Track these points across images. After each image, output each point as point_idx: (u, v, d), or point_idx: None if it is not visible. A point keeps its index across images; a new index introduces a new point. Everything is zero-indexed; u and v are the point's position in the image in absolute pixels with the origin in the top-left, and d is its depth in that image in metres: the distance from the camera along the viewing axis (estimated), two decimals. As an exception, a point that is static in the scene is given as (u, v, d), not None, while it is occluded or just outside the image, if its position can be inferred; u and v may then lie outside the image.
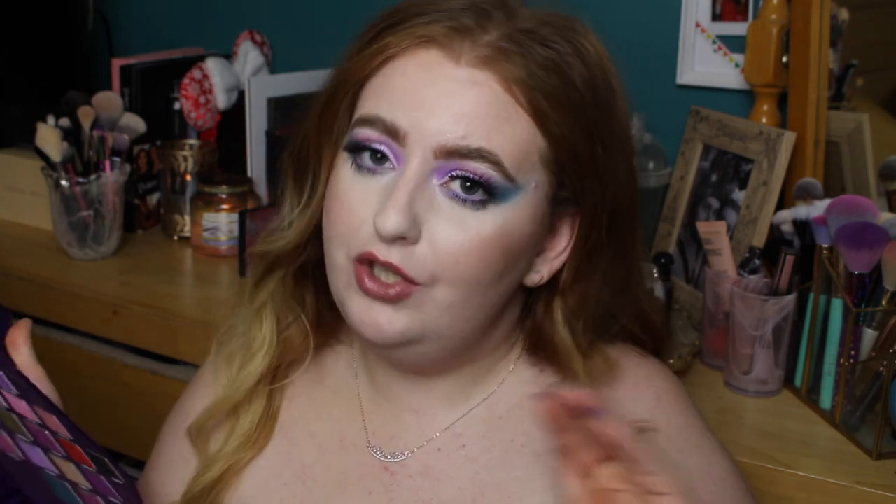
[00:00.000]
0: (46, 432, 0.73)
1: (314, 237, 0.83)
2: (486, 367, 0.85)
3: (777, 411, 1.16)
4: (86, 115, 1.60)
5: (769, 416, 1.15)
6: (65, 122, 1.62)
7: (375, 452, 0.85)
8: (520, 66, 0.74)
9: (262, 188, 1.74)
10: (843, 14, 1.37)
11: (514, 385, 0.85)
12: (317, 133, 0.81)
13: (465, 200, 0.74)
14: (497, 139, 0.73)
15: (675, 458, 0.81)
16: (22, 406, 0.74)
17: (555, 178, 0.77)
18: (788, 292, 1.17)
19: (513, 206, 0.75)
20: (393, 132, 0.74)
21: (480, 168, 0.73)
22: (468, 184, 0.74)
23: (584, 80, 0.76)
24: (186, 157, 1.74)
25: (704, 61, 1.55)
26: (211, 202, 1.65)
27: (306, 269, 0.86)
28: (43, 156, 1.59)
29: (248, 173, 1.73)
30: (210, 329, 1.38)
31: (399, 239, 0.73)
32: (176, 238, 1.75)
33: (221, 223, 1.65)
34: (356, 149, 0.77)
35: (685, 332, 1.32)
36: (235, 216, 1.60)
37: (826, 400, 1.15)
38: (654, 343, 0.91)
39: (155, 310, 1.44)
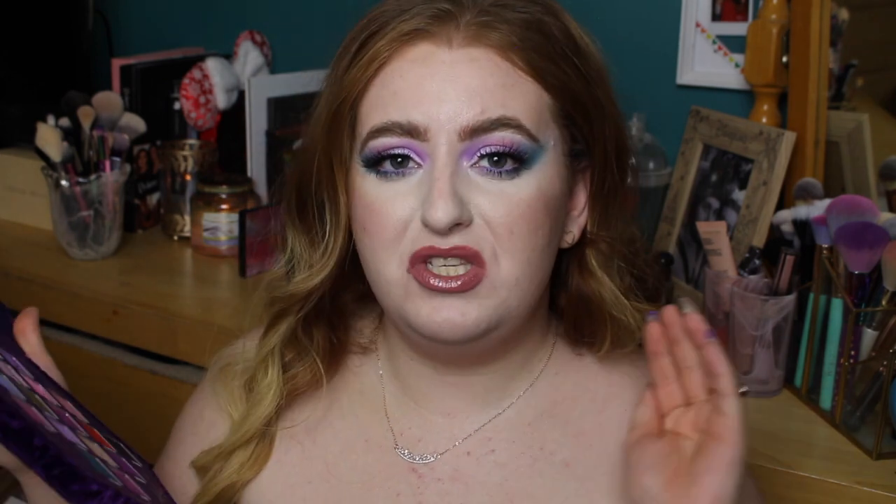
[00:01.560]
0: (67, 414, 0.74)
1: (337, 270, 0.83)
2: (524, 358, 0.85)
3: (777, 411, 1.16)
4: (86, 115, 1.60)
5: (769, 416, 1.15)
6: (65, 122, 1.62)
7: (403, 454, 0.85)
8: (506, 32, 0.75)
9: (262, 188, 1.74)
10: (843, 14, 1.37)
11: (546, 388, 0.86)
12: (326, 159, 0.80)
13: (499, 173, 0.75)
14: (512, 105, 0.75)
15: None
16: (40, 390, 0.74)
17: (567, 133, 0.79)
18: (788, 292, 1.17)
19: (542, 166, 0.77)
20: (412, 131, 0.75)
21: (507, 137, 0.75)
22: (496, 158, 0.75)
23: (561, 31, 0.78)
24: (186, 157, 1.74)
25: (704, 61, 1.55)
26: (211, 202, 1.65)
27: (319, 306, 0.86)
28: (43, 156, 1.59)
29: (248, 173, 1.73)
30: (210, 329, 1.39)
31: (454, 226, 0.74)
32: (176, 238, 1.75)
33: (221, 223, 1.65)
34: (377, 160, 0.77)
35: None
36: (235, 216, 1.60)
37: (826, 400, 1.15)
38: (656, 287, 0.91)
39: (155, 310, 1.44)
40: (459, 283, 0.74)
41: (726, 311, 1.22)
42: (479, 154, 0.75)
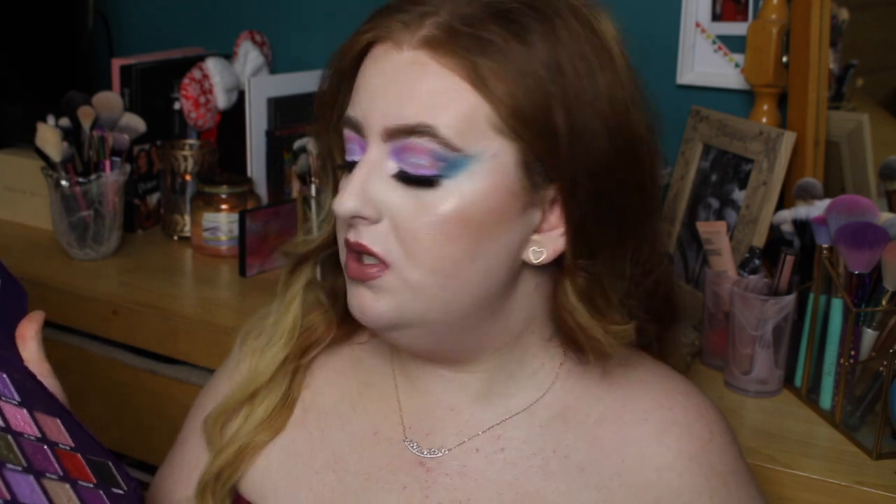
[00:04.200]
0: (45, 447, 0.72)
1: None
2: (518, 361, 0.84)
3: (777, 411, 1.16)
4: (86, 115, 1.60)
5: (769, 416, 1.15)
6: (65, 122, 1.62)
7: (411, 446, 0.85)
8: (458, 40, 0.74)
9: (262, 188, 1.74)
10: (843, 14, 1.37)
11: (559, 392, 0.85)
12: (324, 145, 0.87)
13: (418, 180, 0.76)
14: (434, 112, 0.74)
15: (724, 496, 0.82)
16: (21, 417, 0.72)
17: (521, 146, 0.75)
18: (788, 292, 1.17)
19: (468, 176, 0.75)
20: (356, 126, 0.78)
21: (422, 143, 0.74)
22: (417, 164, 0.75)
23: (545, 46, 0.75)
24: (186, 157, 1.74)
25: (704, 61, 1.55)
26: (211, 202, 1.65)
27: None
28: (43, 156, 1.59)
29: (248, 173, 1.73)
30: (210, 329, 1.39)
31: (360, 219, 0.77)
32: (176, 238, 1.75)
33: (221, 223, 1.65)
34: (344, 150, 0.82)
35: (685, 332, 1.32)
36: (235, 216, 1.60)
37: (826, 400, 1.15)
38: (672, 317, 0.90)
39: (155, 310, 1.44)
40: (368, 272, 0.77)
41: (726, 311, 1.22)
42: (399, 159, 0.76)
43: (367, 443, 0.87)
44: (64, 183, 1.59)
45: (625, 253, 0.81)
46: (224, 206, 1.65)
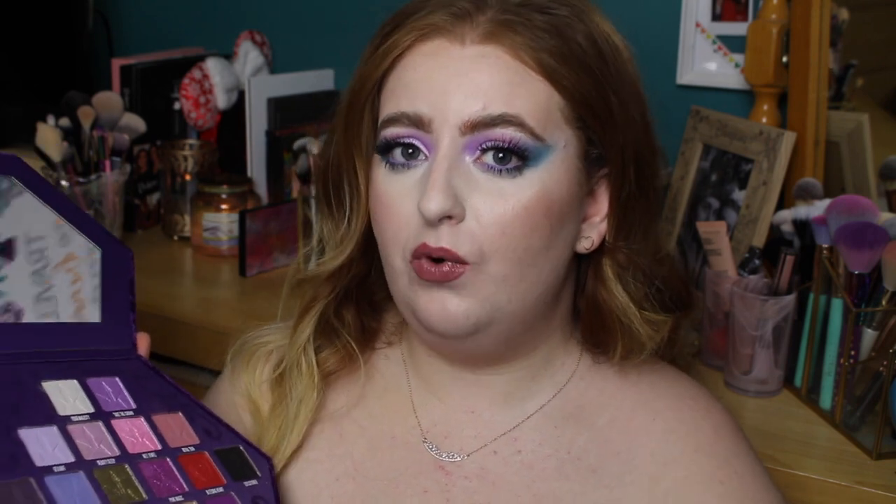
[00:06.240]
0: (167, 461, 0.70)
1: (358, 252, 0.85)
2: (544, 360, 0.85)
3: (777, 411, 1.16)
4: (86, 115, 1.60)
5: (769, 416, 1.15)
6: (65, 122, 1.62)
7: (430, 448, 0.85)
8: (522, 33, 0.76)
9: (262, 188, 1.75)
10: (843, 14, 1.37)
11: (573, 393, 0.86)
12: (345, 146, 0.83)
13: (500, 171, 0.75)
14: (516, 102, 0.75)
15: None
16: (138, 431, 0.71)
17: (582, 135, 0.79)
18: (788, 292, 1.17)
19: (547, 167, 0.76)
20: (417, 122, 0.76)
21: (507, 133, 0.75)
22: (500, 154, 0.75)
23: (585, 36, 0.78)
24: (186, 157, 1.74)
25: (704, 61, 1.55)
26: (211, 202, 1.65)
27: (349, 288, 0.87)
28: (43, 156, 1.59)
29: (248, 173, 1.73)
30: (210, 329, 1.39)
31: (446, 219, 0.75)
32: (176, 238, 1.75)
33: (222, 223, 1.65)
34: (387, 148, 0.79)
35: (685, 332, 1.31)
36: (236, 216, 1.60)
37: (826, 400, 1.15)
38: (685, 303, 0.91)
39: (155, 310, 1.44)
40: (445, 268, 0.75)
41: (726, 311, 1.22)
42: (480, 148, 0.75)
43: (386, 447, 0.87)
44: (64, 183, 1.59)
45: (651, 230, 0.85)
46: (224, 206, 1.65)
